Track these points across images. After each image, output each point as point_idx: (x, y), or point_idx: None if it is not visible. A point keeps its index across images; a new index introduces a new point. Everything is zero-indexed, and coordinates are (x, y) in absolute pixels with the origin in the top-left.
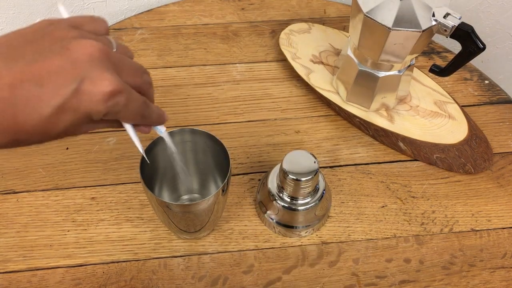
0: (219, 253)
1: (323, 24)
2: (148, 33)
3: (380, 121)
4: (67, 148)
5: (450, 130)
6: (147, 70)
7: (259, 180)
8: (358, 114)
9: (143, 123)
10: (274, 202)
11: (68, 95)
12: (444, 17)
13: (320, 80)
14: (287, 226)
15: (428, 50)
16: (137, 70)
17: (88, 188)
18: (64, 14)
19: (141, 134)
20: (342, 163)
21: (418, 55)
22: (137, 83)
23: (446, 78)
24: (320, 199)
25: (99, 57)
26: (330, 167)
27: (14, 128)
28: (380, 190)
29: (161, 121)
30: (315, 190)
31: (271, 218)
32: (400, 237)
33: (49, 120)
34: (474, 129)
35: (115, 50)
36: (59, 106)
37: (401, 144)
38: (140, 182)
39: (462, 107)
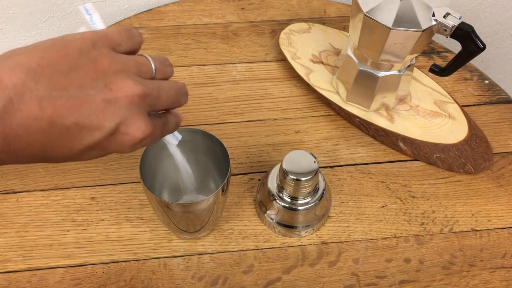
0: (219, 253)
1: (323, 24)
2: (148, 33)
3: (380, 121)
4: None
5: (450, 130)
6: (184, 86)
7: (259, 180)
8: (358, 114)
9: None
10: (274, 202)
11: (101, 137)
12: (444, 17)
13: (320, 80)
14: (287, 226)
15: (428, 50)
16: (174, 97)
17: (88, 188)
18: (97, 22)
19: None
20: (342, 163)
21: (418, 55)
22: (171, 106)
23: (446, 78)
24: (320, 199)
25: (138, 102)
26: (330, 167)
27: (41, 155)
28: (380, 190)
29: (176, 129)
30: (315, 190)
31: (271, 218)
32: (400, 237)
33: (77, 154)
34: (474, 129)
35: (154, 74)
36: (90, 145)
37: (401, 144)
38: (140, 182)
39: (462, 107)
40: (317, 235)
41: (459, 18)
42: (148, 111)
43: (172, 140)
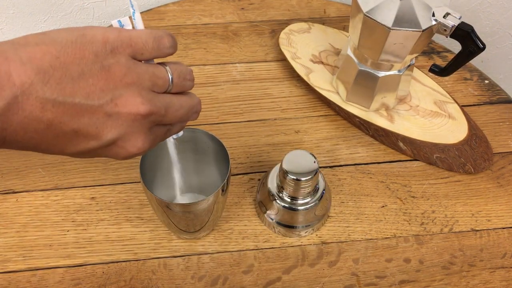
0: (219, 253)
1: (323, 24)
2: None
3: (380, 121)
4: None
5: (450, 130)
6: (199, 103)
7: (259, 180)
8: (358, 114)
9: None
10: (274, 202)
11: (96, 146)
12: (444, 17)
13: (320, 80)
14: (287, 226)
15: (428, 50)
16: (183, 114)
17: (88, 188)
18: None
19: None
20: (342, 163)
21: (418, 55)
22: (179, 123)
23: (446, 78)
24: (320, 199)
25: (140, 120)
26: (330, 167)
27: (33, 149)
28: (380, 190)
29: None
30: (315, 190)
31: (271, 218)
32: (400, 237)
33: (68, 154)
34: (474, 129)
35: (169, 88)
36: (83, 151)
37: (401, 144)
38: (139, 182)
39: (462, 107)
40: (317, 235)
41: (459, 18)
42: (151, 127)
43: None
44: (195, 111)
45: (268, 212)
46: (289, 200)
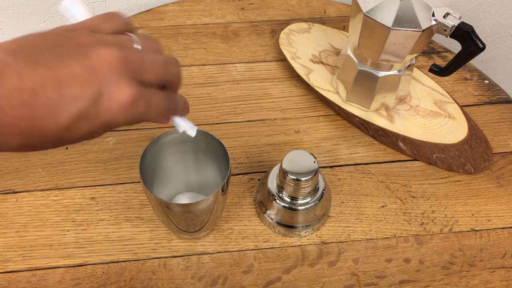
0: (219, 253)
1: (323, 24)
2: (148, 33)
3: (380, 121)
4: (67, 148)
5: (450, 130)
6: (174, 57)
7: (259, 180)
8: (358, 114)
9: (170, 116)
10: (274, 202)
11: (87, 104)
12: (444, 16)
13: (320, 80)
14: (287, 226)
15: (428, 50)
16: (161, 66)
17: (88, 188)
18: (74, 10)
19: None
20: (342, 163)
21: (418, 55)
22: (161, 79)
23: (446, 78)
24: (320, 199)
25: (118, 65)
26: (330, 167)
27: (30, 132)
28: (380, 190)
29: (186, 111)
30: (315, 190)
31: (271, 218)
32: (400, 237)
33: (66, 127)
34: (474, 129)
35: (138, 47)
36: (77, 114)
37: (401, 144)
38: (139, 182)
39: (462, 107)
40: (317, 235)
41: (459, 18)
42: (135, 78)
43: (191, 130)
44: (174, 62)
45: (268, 212)
46: (289, 200)
